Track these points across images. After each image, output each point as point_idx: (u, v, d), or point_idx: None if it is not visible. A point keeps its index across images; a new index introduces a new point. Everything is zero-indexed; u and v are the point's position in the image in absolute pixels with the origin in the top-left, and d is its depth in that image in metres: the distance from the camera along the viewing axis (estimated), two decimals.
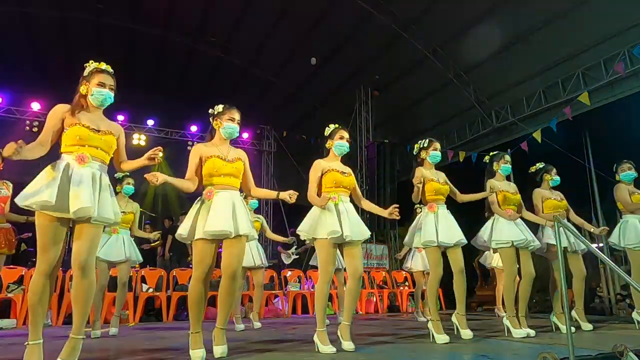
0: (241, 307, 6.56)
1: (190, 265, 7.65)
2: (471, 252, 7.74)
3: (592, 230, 4.10)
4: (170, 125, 11.29)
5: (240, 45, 10.48)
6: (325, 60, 10.29)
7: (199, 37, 10.05)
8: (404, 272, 8.62)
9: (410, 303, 8.25)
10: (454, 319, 3.35)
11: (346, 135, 3.16)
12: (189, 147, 10.13)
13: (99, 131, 2.38)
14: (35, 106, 9.98)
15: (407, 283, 8.44)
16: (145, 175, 2.47)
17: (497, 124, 9.20)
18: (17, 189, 3.04)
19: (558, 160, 4.19)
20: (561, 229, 2.37)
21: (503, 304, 6.01)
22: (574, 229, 3.69)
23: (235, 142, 3.02)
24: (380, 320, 5.78)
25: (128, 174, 3.80)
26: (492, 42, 8.16)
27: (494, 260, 6.02)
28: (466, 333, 3.18)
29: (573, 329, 3.63)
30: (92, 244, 2.28)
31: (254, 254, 4.79)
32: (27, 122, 9.93)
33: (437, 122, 10.70)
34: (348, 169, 3.18)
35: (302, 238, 3.10)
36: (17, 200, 2.21)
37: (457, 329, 3.29)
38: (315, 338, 2.80)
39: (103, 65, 2.50)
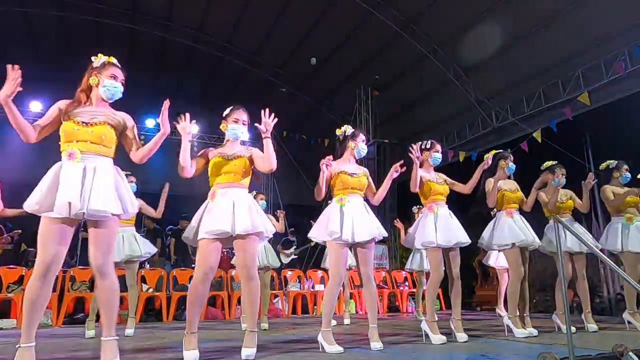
0: (238, 307, 6.57)
1: (193, 266, 7.65)
2: (471, 252, 7.76)
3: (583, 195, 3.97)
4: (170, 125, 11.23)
5: (240, 45, 10.48)
6: (325, 60, 10.28)
7: (199, 37, 10.04)
8: (404, 272, 8.62)
9: (410, 303, 8.24)
10: (451, 323, 3.35)
11: (364, 137, 3.30)
12: None
13: (88, 124, 2.26)
14: (35, 106, 9.94)
15: (407, 283, 8.43)
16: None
17: (497, 124, 9.18)
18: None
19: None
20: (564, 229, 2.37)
21: (504, 303, 6.04)
22: (574, 230, 3.69)
23: None
24: (380, 320, 5.76)
25: (129, 172, 3.76)
26: (492, 42, 8.15)
27: (495, 260, 6.00)
28: (462, 336, 3.19)
29: (574, 329, 3.67)
30: (99, 243, 2.20)
31: (260, 254, 4.79)
32: None
33: (437, 122, 10.67)
34: (361, 170, 3.20)
35: (313, 241, 3.11)
36: (23, 206, 2.17)
37: (454, 332, 3.28)
38: (320, 338, 2.80)
39: (113, 60, 2.48)
